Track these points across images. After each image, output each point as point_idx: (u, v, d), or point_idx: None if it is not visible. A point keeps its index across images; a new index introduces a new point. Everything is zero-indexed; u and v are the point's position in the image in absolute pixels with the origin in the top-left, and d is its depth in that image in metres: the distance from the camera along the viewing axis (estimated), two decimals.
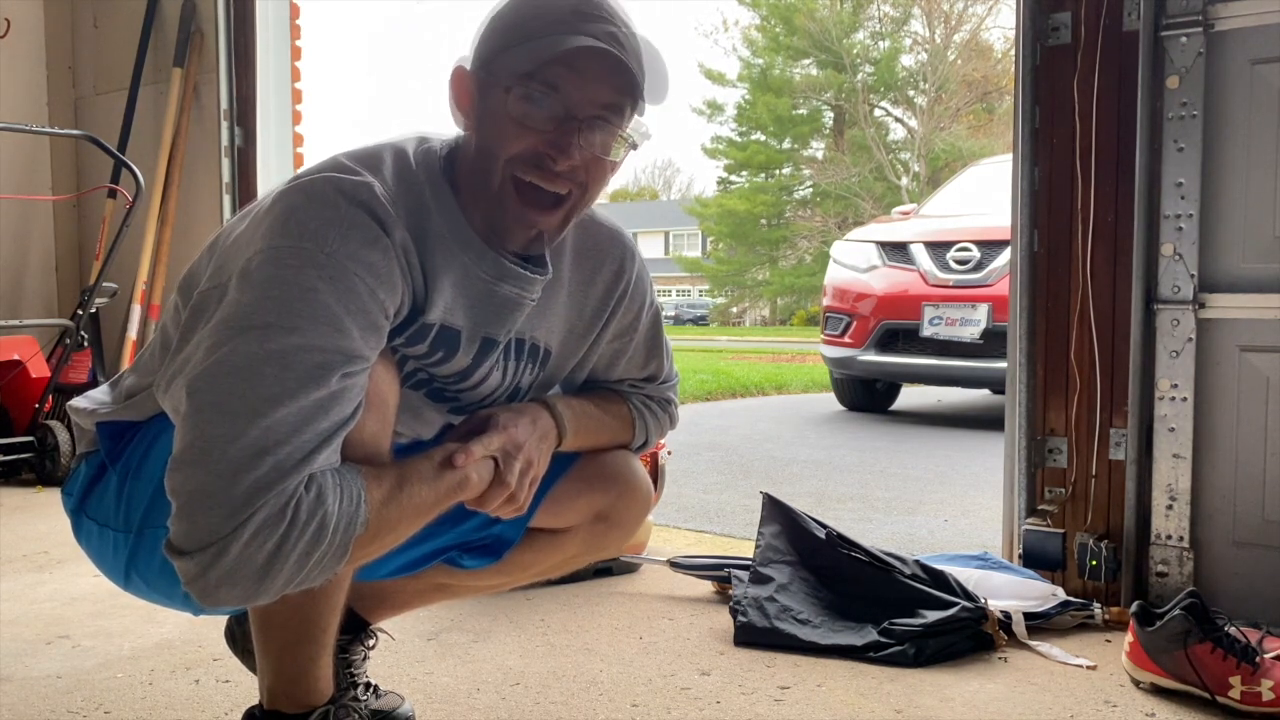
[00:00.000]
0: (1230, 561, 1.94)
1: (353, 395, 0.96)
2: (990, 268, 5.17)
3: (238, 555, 0.88)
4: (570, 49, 1.02)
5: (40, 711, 1.52)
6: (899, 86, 26.75)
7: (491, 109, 1.06)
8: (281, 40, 3.62)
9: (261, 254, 0.97)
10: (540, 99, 1.03)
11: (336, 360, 0.94)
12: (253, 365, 0.92)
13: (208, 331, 0.96)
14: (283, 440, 0.90)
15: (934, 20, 26.64)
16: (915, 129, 26.75)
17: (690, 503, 3.42)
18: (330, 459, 0.94)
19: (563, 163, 1.05)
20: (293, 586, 0.93)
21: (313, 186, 1.00)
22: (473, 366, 1.15)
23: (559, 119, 1.04)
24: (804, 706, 1.57)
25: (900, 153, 27.22)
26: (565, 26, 1.03)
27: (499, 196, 1.07)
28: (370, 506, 0.97)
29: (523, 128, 1.04)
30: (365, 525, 0.96)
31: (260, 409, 0.90)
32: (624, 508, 1.35)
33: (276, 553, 0.89)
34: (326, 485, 0.93)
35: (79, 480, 1.19)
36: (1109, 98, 2.03)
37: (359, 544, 0.97)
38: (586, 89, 1.04)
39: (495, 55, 1.06)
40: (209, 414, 0.91)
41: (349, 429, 0.96)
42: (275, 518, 0.89)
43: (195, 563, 0.89)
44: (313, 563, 0.93)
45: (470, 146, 1.10)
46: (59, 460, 3.32)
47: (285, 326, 0.93)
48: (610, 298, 1.27)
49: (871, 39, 26.96)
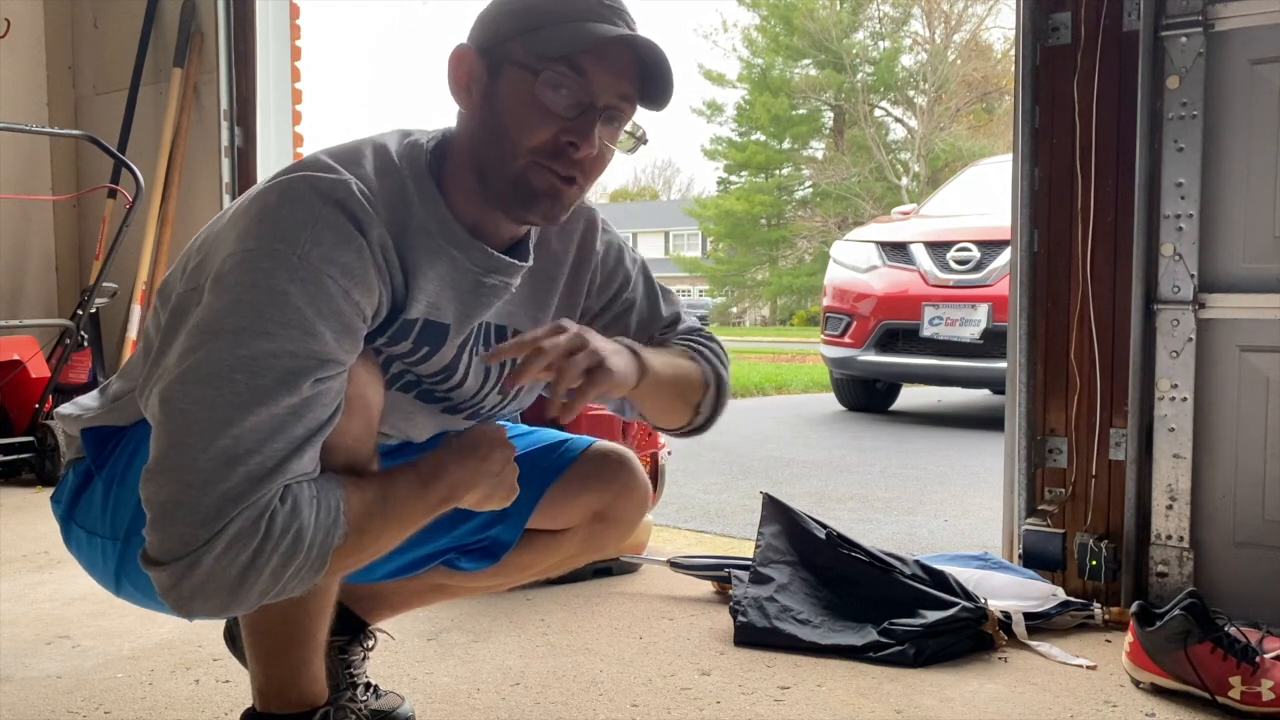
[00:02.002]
0: (1230, 561, 1.94)
1: (327, 400, 0.95)
2: (990, 268, 5.17)
3: (210, 567, 0.88)
4: (607, 37, 1.01)
5: (40, 711, 1.52)
6: (899, 86, 26.76)
7: (510, 92, 1.04)
8: (281, 40, 3.62)
9: (234, 257, 0.95)
10: (568, 84, 1.02)
11: (309, 365, 0.93)
12: (223, 372, 0.90)
13: (182, 337, 0.95)
14: (253, 449, 0.89)
15: (934, 20, 26.65)
16: (915, 129, 26.74)
17: (690, 503, 3.42)
18: (306, 466, 0.93)
19: (584, 150, 1.04)
20: (269, 598, 0.92)
21: (288, 186, 0.99)
22: (455, 360, 1.14)
23: (582, 106, 1.03)
24: (804, 706, 1.57)
25: (900, 153, 27.22)
26: (595, 15, 1.03)
27: (520, 175, 1.05)
28: (349, 518, 0.96)
29: (546, 113, 1.02)
30: (344, 537, 0.95)
31: (231, 417, 0.89)
32: (622, 507, 1.35)
33: (251, 565, 0.89)
34: (302, 497, 0.92)
35: (67, 487, 1.17)
36: (1109, 98, 2.03)
37: (338, 555, 0.96)
38: (611, 79, 1.03)
39: (513, 37, 1.04)
40: (180, 422, 0.90)
41: (325, 434, 0.95)
42: (249, 530, 0.88)
43: (169, 574, 0.88)
44: (289, 575, 0.92)
45: (473, 129, 1.07)
46: (59, 460, 3.31)
47: (256, 331, 0.91)
48: (582, 275, 1.25)
49: (871, 39, 26.97)
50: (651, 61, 1.04)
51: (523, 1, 1.05)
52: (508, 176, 1.05)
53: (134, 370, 1.11)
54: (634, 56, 1.04)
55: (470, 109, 1.08)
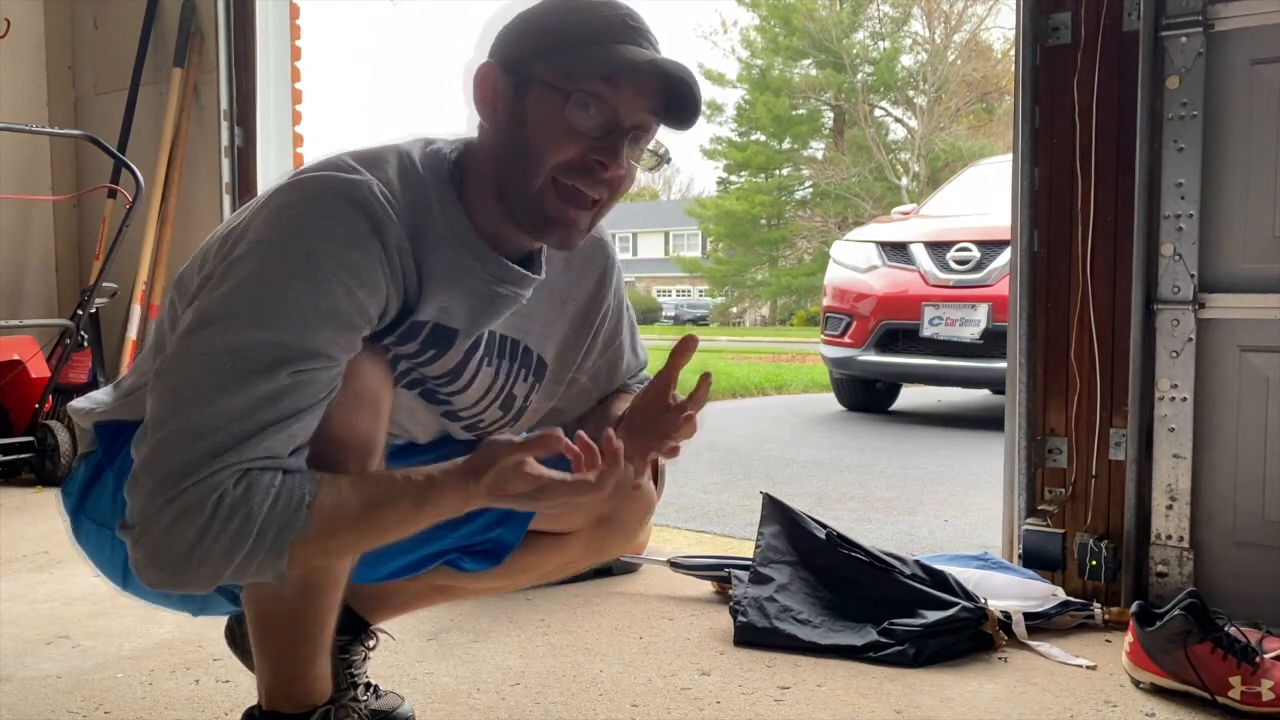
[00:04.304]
0: (1230, 562, 1.94)
1: (309, 390, 0.96)
2: (990, 268, 5.17)
3: (159, 537, 0.92)
4: (638, 61, 1.02)
5: (40, 711, 1.52)
6: (899, 86, 26.76)
7: (537, 111, 1.04)
8: (281, 40, 3.61)
9: (247, 247, 0.98)
10: (597, 105, 1.03)
11: (293, 356, 0.95)
12: (213, 354, 0.94)
13: (187, 316, 0.99)
14: (219, 427, 0.92)
15: (934, 20, 26.66)
16: (915, 129, 26.75)
17: (690, 503, 3.42)
18: (273, 449, 0.94)
19: (612, 170, 1.05)
20: (227, 579, 0.94)
21: (307, 183, 1.01)
22: (462, 365, 1.14)
23: (610, 126, 1.04)
24: (804, 706, 1.57)
25: (900, 153, 27.22)
26: (622, 37, 1.03)
27: (538, 196, 1.06)
28: (317, 514, 0.95)
29: (575, 133, 1.04)
30: (305, 531, 0.95)
31: (208, 396, 0.93)
32: (626, 511, 1.35)
33: (198, 543, 0.91)
34: (259, 484, 0.93)
35: (77, 480, 1.19)
36: (1109, 98, 2.03)
37: (302, 550, 0.95)
38: (639, 100, 1.04)
39: (541, 57, 1.05)
40: (165, 396, 0.95)
41: (301, 421, 0.96)
42: (196, 507, 0.91)
43: (130, 536, 0.94)
44: (241, 559, 0.93)
45: (495, 144, 1.08)
46: (59, 460, 3.32)
47: (250, 320, 0.95)
48: (597, 308, 1.28)
49: (871, 39, 26.98)
50: (679, 85, 1.05)
51: (550, 21, 1.06)
52: (528, 194, 1.06)
53: (146, 364, 1.13)
54: (662, 79, 1.05)
55: (494, 124, 1.09)
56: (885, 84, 26.57)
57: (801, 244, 28.32)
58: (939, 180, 20.35)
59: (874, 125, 26.84)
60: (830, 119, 28.42)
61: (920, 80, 26.55)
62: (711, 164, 44.82)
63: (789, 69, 27.59)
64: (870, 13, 27.11)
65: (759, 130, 28.33)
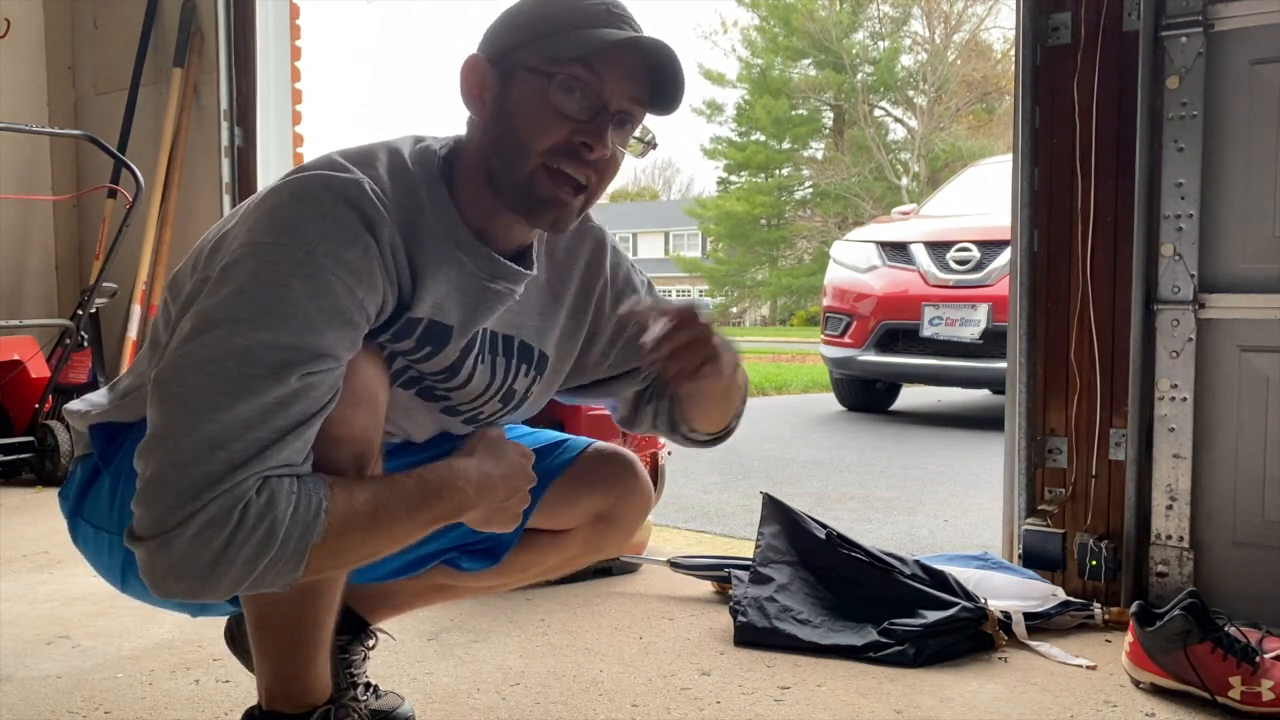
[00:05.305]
0: (1230, 562, 1.94)
1: (317, 394, 0.96)
2: (990, 268, 5.17)
3: (183, 549, 0.90)
4: (618, 40, 1.02)
5: (40, 711, 1.52)
6: (899, 86, 26.75)
7: (523, 97, 1.05)
8: (281, 40, 3.62)
9: (243, 248, 0.97)
10: (581, 87, 1.03)
11: (301, 358, 0.94)
12: (217, 359, 0.93)
13: (185, 321, 0.97)
14: (236, 436, 0.91)
15: (934, 20, 26.64)
16: (915, 129, 26.74)
17: (690, 503, 3.42)
18: (291, 457, 0.94)
19: (598, 151, 1.05)
20: (244, 588, 0.93)
21: (301, 183, 1.01)
22: (459, 362, 1.14)
23: (595, 109, 1.04)
24: (804, 706, 1.57)
25: (900, 153, 27.21)
26: (604, 22, 1.04)
27: (528, 181, 1.06)
28: (332, 519, 0.96)
29: (560, 116, 1.04)
30: (323, 536, 0.95)
31: (220, 403, 0.91)
32: (624, 508, 1.35)
33: (222, 553, 0.90)
34: (280, 491, 0.92)
35: (74, 483, 1.19)
36: (1109, 98, 2.03)
37: (318, 555, 0.96)
38: (623, 82, 1.05)
39: (524, 45, 1.05)
40: (172, 405, 0.93)
41: (312, 427, 0.96)
42: (222, 518, 0.90)
43: (145, 549, 0.91)
44: (263, 567, 0.92)
45: (484, 135, 1.09)
46: (59, 460, 3.32)
47: (254, 323, 0.93)
48: (593, 287, 1.26)
49: (871, 39, 26.96)
50: (661, 65, 1.05)
51: (533, 12, 1.07)
52: (518, 180, 1.06)
53: (142, 366, 1.13)
54: (644, 61, 1.05)
55: (482, 116, 1.09)
56: (885, 84, 26.56)
57: (801, 244, 28.30)
58: (939, 180, 20.35)
59: (874, 125, 26.83)
60: (830, 119, 28.41)
61: (920, 80, 26.54)
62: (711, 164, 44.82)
63: (789, 69, 27.57)
64: (870, 13, 27.10)
65: (759, 130, 28.31)
